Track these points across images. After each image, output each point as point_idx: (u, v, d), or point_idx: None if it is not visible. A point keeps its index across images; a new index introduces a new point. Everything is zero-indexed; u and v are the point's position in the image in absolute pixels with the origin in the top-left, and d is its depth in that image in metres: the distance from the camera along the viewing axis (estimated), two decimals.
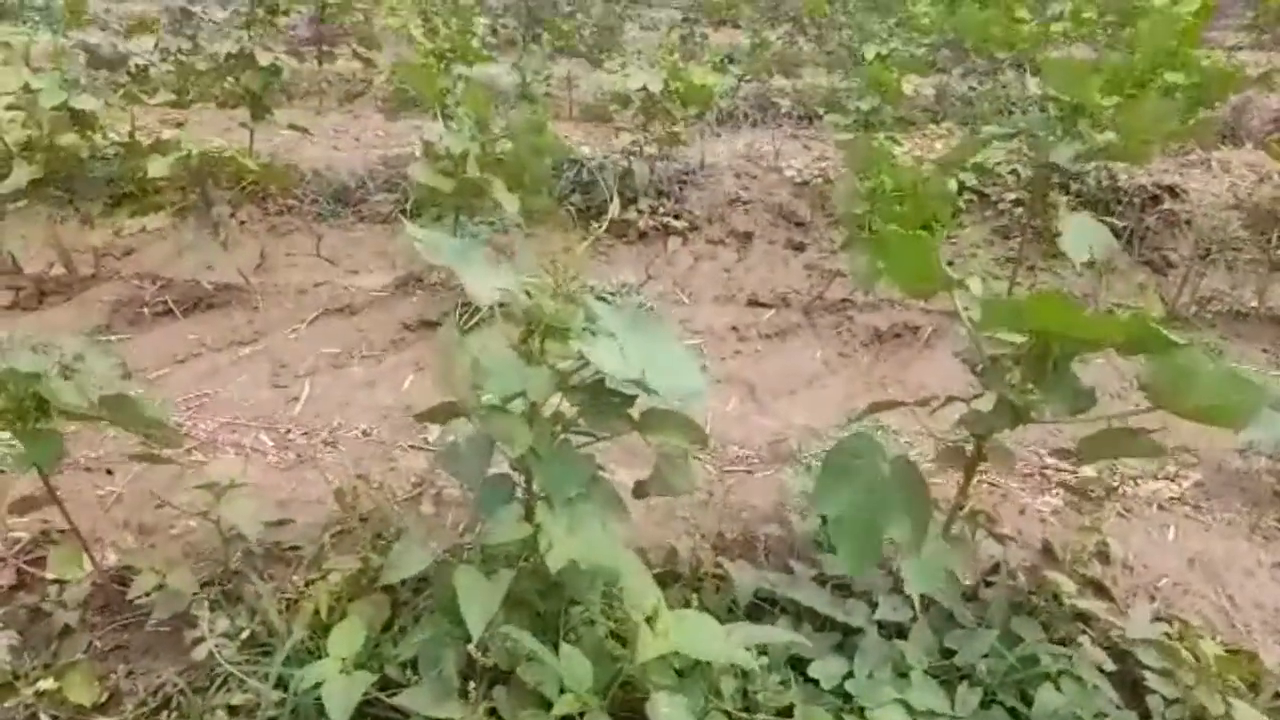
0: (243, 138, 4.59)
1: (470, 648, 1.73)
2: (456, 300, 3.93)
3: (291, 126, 4.53)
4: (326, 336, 3.73)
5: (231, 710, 2.05)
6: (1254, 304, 4.38)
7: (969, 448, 2.05)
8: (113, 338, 3.66)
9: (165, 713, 2.07)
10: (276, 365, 3.50)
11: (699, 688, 1.87)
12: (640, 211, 5.16)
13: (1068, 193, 4.90)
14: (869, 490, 1.81)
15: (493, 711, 1.84)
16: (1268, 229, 4.70)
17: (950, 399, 2.05)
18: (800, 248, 5.07)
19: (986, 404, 2.00)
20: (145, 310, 3.85)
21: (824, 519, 2.30)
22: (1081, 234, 3.38)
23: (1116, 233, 4.02)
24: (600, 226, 4.87)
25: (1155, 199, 5.18)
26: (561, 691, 1.72)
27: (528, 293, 1.79)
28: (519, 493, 1.95)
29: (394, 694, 1.86)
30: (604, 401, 1.95)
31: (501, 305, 1.81)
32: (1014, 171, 4.89)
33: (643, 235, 5.13)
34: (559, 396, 1.92)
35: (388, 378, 3.48)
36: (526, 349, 1.83)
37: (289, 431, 3.08)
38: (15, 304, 3.85)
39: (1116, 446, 2.00)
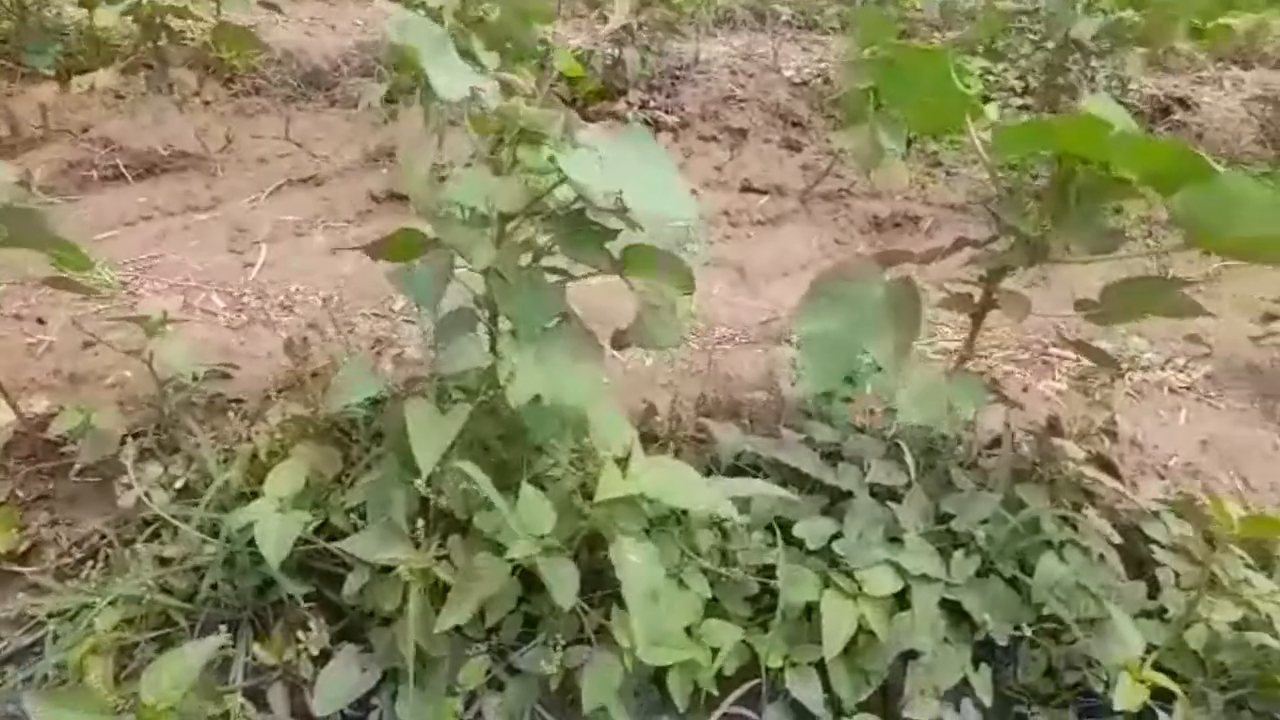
0: (210, 11, 4.27)
1: (419, 484, 1.55)
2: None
3: (263, 3, 4.20)
4: (289, 206, 3.48)
5: (163, 562, 1.88)
6: None
7: (978, 294, 1.86)
8: (56, 200, 3.40)
9: (91, 564, 1.89)
10: (234, 231, 3.25)
11: (673, 541, 1.70)
12: (630, 104, 4.88)
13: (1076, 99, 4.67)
14: (855, 309, 1.62)
15: (444, 558, 1.67)
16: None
17: (962, 242, 1.85)
18: (797, 147, 4.82)
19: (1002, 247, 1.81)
20: (94, 173, 3.58)
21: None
22: (1103, 112, 3.14)
23: None
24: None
25: (1166, 110, 4.96)
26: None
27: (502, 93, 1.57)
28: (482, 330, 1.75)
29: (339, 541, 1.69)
30: (582, 231, 1.75)
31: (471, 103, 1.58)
32: (1027, 57, 4.62)
33: None
34: (534, 227, 1.72)
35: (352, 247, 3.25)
36: (496, 157, 1.62)
37: (243, 295, 2.85)
38: None
39: (1146, 300, 1.82)
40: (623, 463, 1.55)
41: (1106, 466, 2.23)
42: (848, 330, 1.66)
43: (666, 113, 4.89)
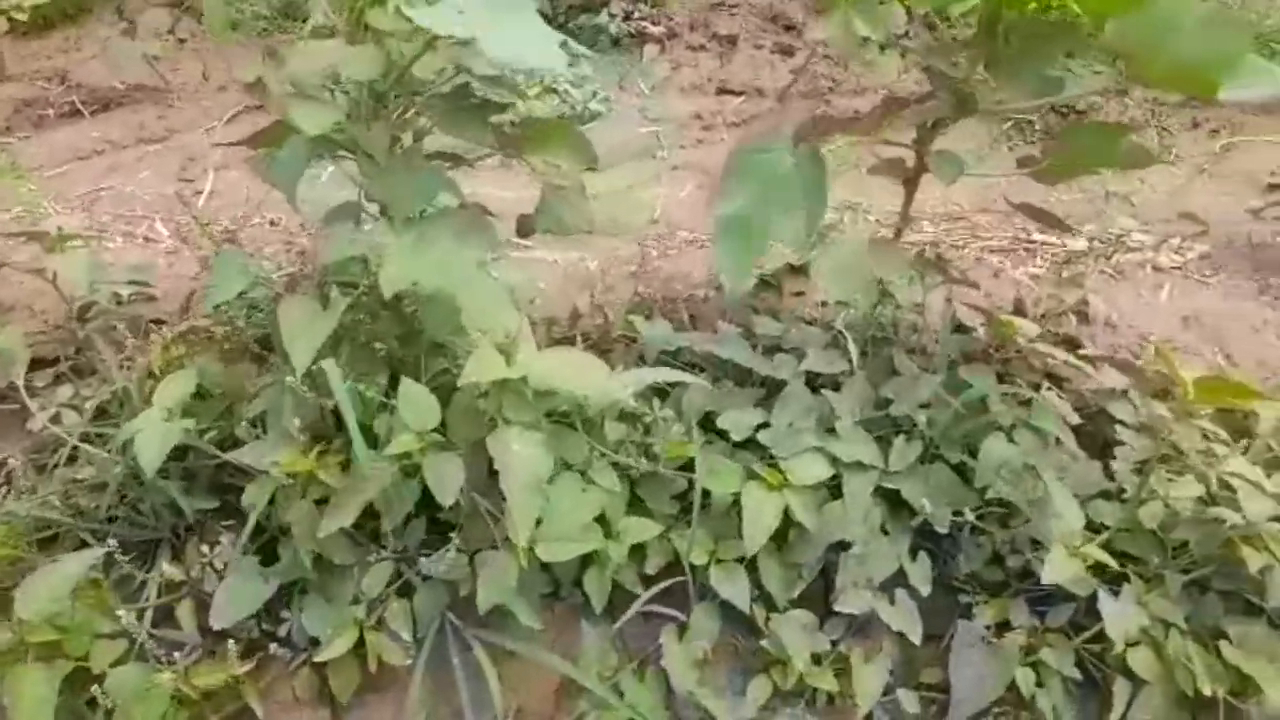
0: None
1: (293, 383, 1.46)
2: None
3: None
4: (243, 132, 3.38)
5: (79, 484, 1.83)
6: None
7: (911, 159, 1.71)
8: (13, 139, 3.34)
9: (5, 490, 1.85)
10: (185, 160, 3.17)
11: (578, 435, 1.60)
12: (612, 15, 4.66)
13: None
14: (766, 185, 1.48)
15: (343, 465, 1.59)
16: None
17: (892, 101, 1.69)
18: (789, 51, 4.58)
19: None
20: (50, 111, 3.52)
21: None
22: None
23: None
24: None
25: None
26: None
27: None
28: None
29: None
30: (465, 107, 1.62)
31: None
32: None
33: (616, 43, 4.64)
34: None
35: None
36: (350, 29, 1.49)
37: (187, 222, 2.78)
38: None
39: (1091, 152, 1.65)
40: (507, 350, 1.44)
41: (1076, 349, 2.08)
42: (759, 209, 1.52)
43: (653, 23, 4.66)
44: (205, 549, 1.68)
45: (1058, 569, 1.47)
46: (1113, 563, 1.51)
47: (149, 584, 1.77)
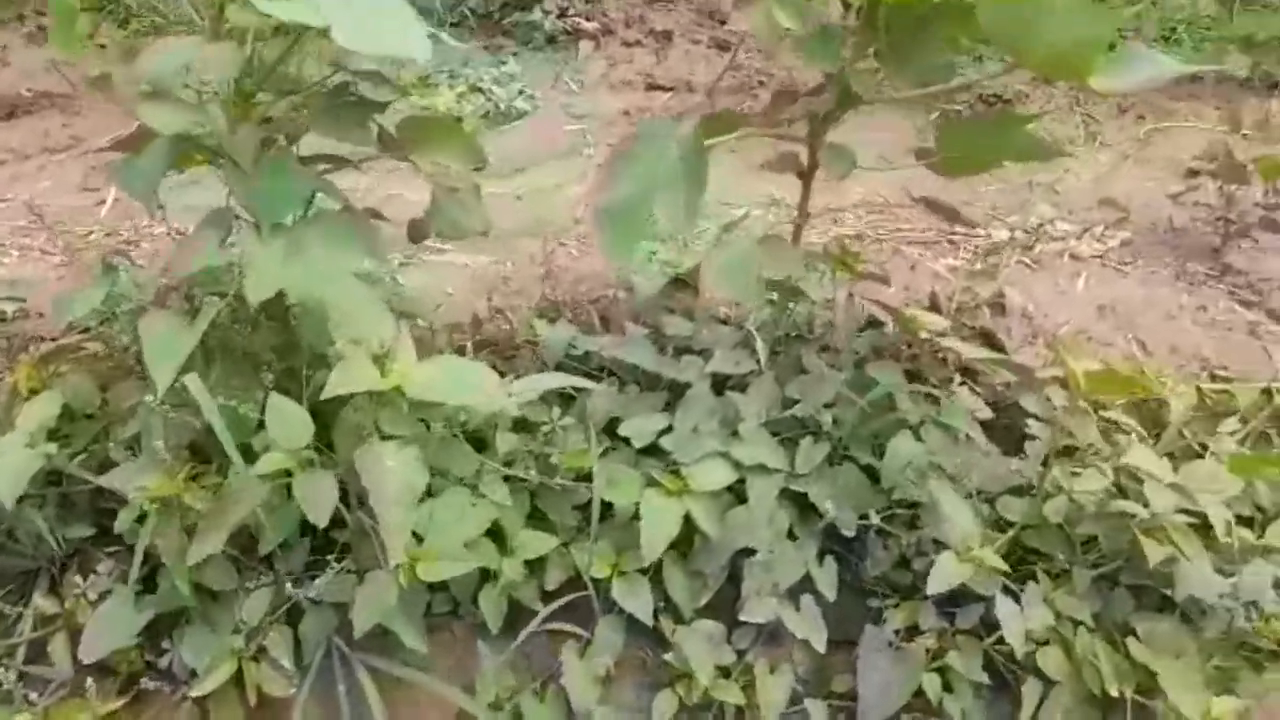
0: None
1: (151, 401, 1.38)
2: None
3: None
4: None
5: None
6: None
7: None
8: None
9: None
10: (89, 170, 3.06)
11: (464, 447, 1.54)
12: (546, 12, 4.59)
13: None
14: (649, 173, 1.42)
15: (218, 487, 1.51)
16: None
17: (784, 94, 1.65)
18: (725, 46, 4.55)
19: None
20: None
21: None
22: None
23: None
24: None
25: None
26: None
27: None
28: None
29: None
30: (342, 107, 1.55)
31: None
32: None
33: (551, 40, 4.58)
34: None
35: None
36: (210, 26, 1.42)
37: (89, 234, 2.67)
38: None
39: (988, 144, 1.62)
40: (381, 359, 1.37)
41: (989, 341, 2.05)
42: (641, 194, 1.46)
43: (586, 19, 4.60)
44: (80, 579, 1.59)
45: (945, 576, 1.43)
46: (1003, 565, 1.48)
47: (23, 618, 1.68)
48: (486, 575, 1.60)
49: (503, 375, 1.63)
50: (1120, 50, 1.22)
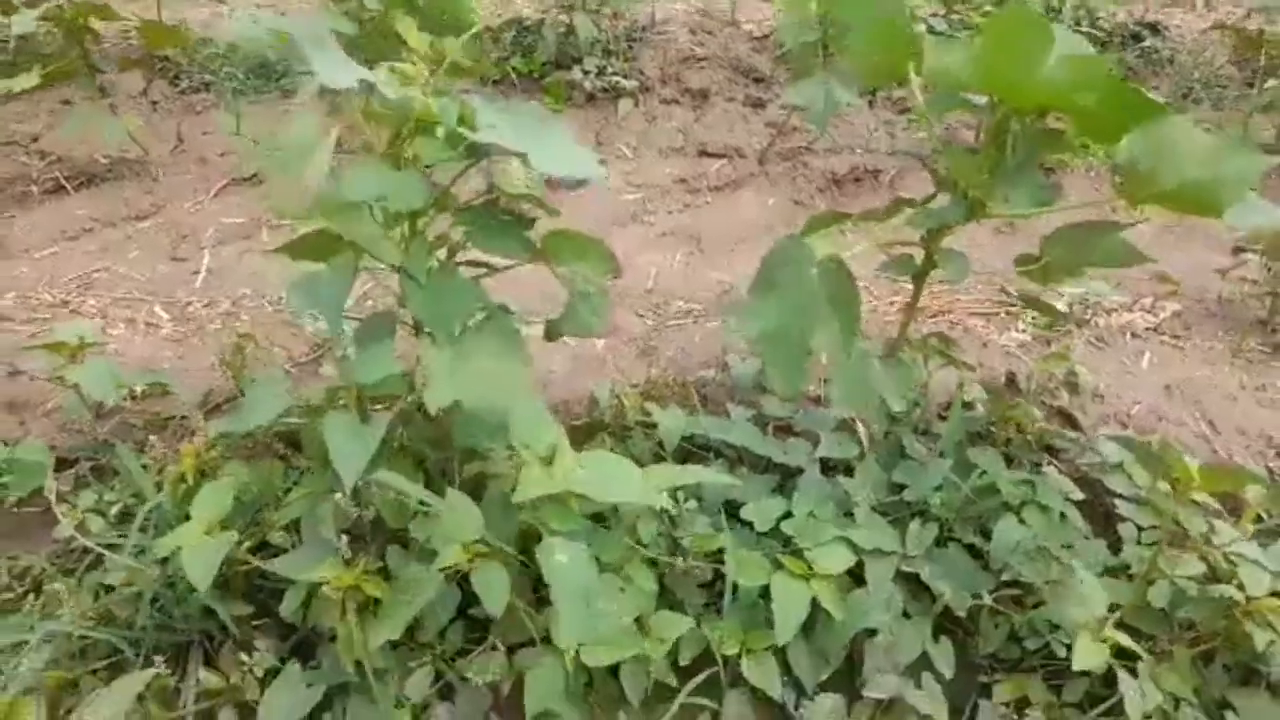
0: (150, 8, 4.13)
1: (339, 499, 1.50)
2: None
3: None
4: (233, 207, 3.40)
5: (107, 589, 1.83)
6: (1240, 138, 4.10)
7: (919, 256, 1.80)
8: None
9: (33, 597, 1.85)
10: (176, 238, 3.18)
11: (615, 535, 1.65)
12: (586, 72, 4.75)
13: None
14: (795, 298, 1.56)
15: (381, 570, 1.62)
16: (1252, 56, 4.39)
17: (899, 202, 1.78)
18: (760, 104, 4.72)
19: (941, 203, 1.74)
20: (34, 188, 3.50)
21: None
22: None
23: None
24: None
25: (1136, 36, 4.86)
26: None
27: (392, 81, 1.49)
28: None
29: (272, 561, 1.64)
30: (496, 221, 1.68)
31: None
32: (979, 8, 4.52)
33: (591, 98, 4.73)
34: (447, 222, 1.65)
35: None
36: (395, 151, 1.55)
37: (189, 304, 2.79)
38: None
39: (1085, 249, 1.76)
40: (548, 460, 1.49)
41: (1068, 420, 2.18)
42: (795, 321, 1.59)
43: (625, 78, 4.76)
44: (245, 656, 1.70)
45: (1084, 656, 1.55)
46: (1135, 646, 1.60)
47: (184, 691, 1.78)
48: None
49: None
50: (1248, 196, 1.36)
